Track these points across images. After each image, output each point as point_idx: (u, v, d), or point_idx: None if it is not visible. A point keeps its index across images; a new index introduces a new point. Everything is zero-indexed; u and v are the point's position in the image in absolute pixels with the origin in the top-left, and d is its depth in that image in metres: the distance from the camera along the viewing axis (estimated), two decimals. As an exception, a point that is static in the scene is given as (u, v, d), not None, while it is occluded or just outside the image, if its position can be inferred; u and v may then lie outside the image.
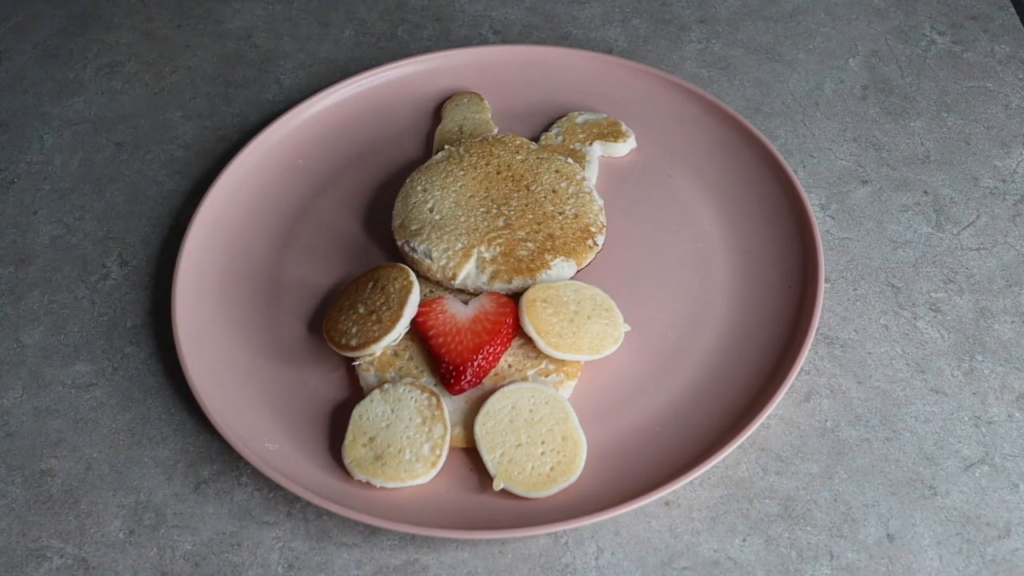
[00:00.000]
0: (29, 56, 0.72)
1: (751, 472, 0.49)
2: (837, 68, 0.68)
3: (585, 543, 0.47)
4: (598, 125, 0.62)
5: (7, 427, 0.52)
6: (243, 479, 0.49)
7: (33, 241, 0.60)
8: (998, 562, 0.46)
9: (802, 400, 0.51)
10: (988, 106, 0.65)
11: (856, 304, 0.55)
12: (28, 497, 0.49)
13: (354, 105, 0.65)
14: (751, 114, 0.65)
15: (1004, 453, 0.49)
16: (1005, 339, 0.54)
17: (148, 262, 0.59)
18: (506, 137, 0.59)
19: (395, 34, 0.72)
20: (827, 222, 0.59)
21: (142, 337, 0.55)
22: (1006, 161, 0.62)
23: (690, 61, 0.69)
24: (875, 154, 0.63)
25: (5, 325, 0.56)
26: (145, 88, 0.69)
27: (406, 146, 0.63)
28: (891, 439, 0.50)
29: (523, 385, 0.49)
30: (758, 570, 0.46)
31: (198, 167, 0.64)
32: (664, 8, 0.73)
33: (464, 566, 0.46)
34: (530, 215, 0.55)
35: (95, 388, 0.53)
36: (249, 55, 0.71)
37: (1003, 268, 0.57)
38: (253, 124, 0.66)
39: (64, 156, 0.65)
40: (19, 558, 0.47)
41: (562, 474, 0.46)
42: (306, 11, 0.74)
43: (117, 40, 0.73)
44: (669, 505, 0.48)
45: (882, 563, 0.46)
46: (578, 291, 0.52)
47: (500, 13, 0.73)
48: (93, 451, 0.50)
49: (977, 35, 0.70)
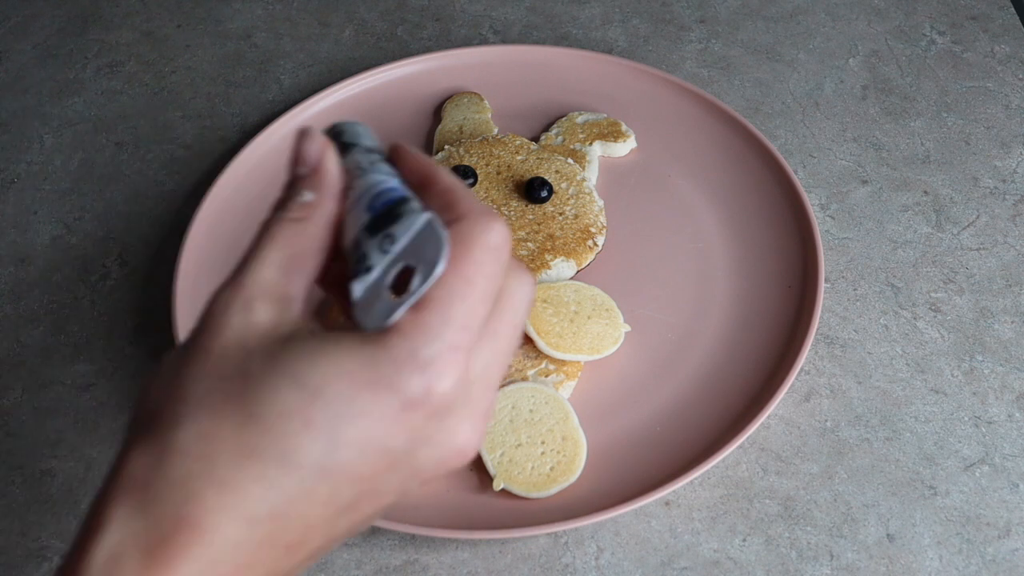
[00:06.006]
0: (29, 56, 0.72)
1: (751, 472, 0.49)
2: (837, 68, 0.68)
3: (585, 543, 0.47)
4: (598, 125, 0.62)
5: (7, 427, 0.52)
6: (243, 479, 0.49)
7: (33, 241, 0.60)
8: (998, 562, 0.46)
9: (802, 400, 0.51)
10: (988, 106, 0.65)
11: (856, 304, 0.55)
12: (28, 497, 0.49)
13: (354, 105, 0.65)
14: (751, 114, 0.65)
15: (1004, 453, 0.49)
16: (1005, 339, 0.54)
17: (148, 262, 0.59)
18: (506, 137, 0.59)
19: (395, 34, 0.72)
20: (827, 222, 0.59)
21: (142, 337, 0.55)
22: (1006, 161, 0.62)
23: (690, 61, 0.69)
24: (875, 154, 0.63)
25: (5, 325, 0.56)
26: (145, 88, 0.69)
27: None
28: (891, 439, 0.50)
29: (523, 385, 0.49)
30: (758, 570, 0.46)
31: (198, 167, 0.63)
32: (664, 8, 0.73)
33: (464, 566, 0.46)
34: (530, 215, 0.55)
35: (95, 388, 0.53)
36: (249, 55, 0.71)
37: (1003, 268, 0.57)
38: (253, 124, 0.66)
39: (64, 156, 0.65)
40: (19, 558, 0.47)
41: (562, 474, 0.46)
42: (306, 11, 0.74)
43: (117, 40, 0.73)
44: (669, 505, 0.48)
45: (882, 563, 0.46)
46: (578, 291, 0.52)
47: (500, 13, 0.73)
48: (93, 451, 0.50)
49: (977, 35, 0.70)
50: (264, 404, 0.28)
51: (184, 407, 0.29)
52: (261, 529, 0.28)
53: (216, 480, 0.28)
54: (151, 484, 0.28)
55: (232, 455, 0.28)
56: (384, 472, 0.30)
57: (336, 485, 0.29)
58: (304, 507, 0.29)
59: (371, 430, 0.29)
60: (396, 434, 0.29)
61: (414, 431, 0.29)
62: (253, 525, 0.28)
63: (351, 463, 0.29)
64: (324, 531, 0.30)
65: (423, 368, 0.28)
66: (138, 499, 0.28)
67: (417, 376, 0.28)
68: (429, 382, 0.28)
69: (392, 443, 0.29)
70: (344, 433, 0.28)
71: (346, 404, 0.28)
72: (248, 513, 0.28)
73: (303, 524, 0.29)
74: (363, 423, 0.28)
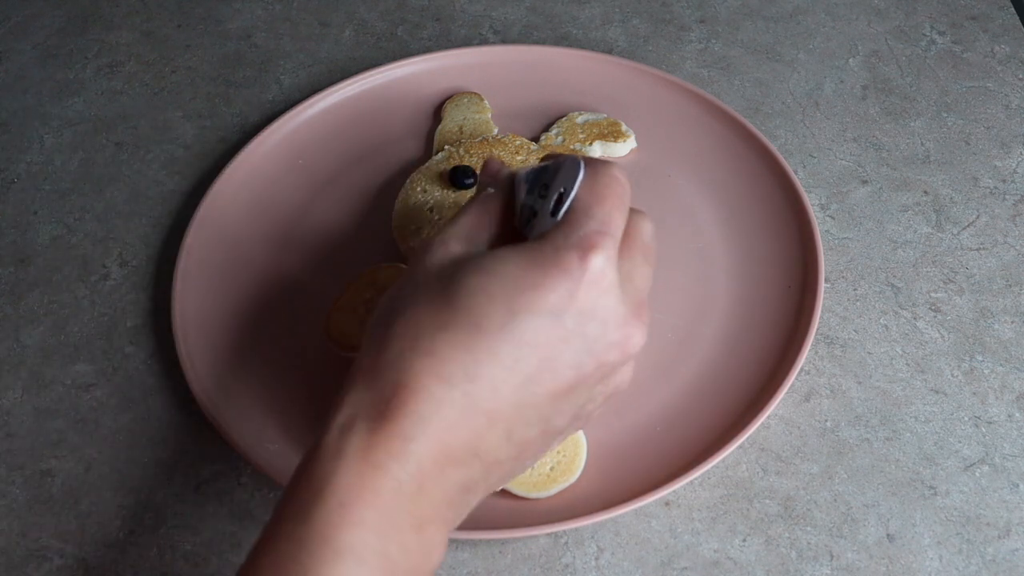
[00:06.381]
0: (29, 56, 0.72)
1: (751, 472, 0.49)
2: (837, 68, 0.68)
3: (585, 543, 0.47)
4: (598, 125, 0.62)
5: (7, 427, 0.52)
6: (243, 479, 0.49)
7: (33, 241, 0.60)
8: (998, 562, 0.46)
9: (802, 400, 0.51)
10: (988, 106, 0.65)
11: (856, 304, 0.55)
12: (28, 497, 0.49)
13: (354, 105, 0.65)
14: (751, 114, 0.65)
15: (1004, 453, 0.49)
16: (1005, 339, 0.54)
17: (148, 262, 0.59)
18: (506, 137, 0.59)
19: (395, 34, 0.72)
20: (827, 222, 0.59)
21: (142, 337, 0.55)
22: (1006, 161, 0.62)
23: (690, 61, 0.69)
24: (875, 154, 0.63)
25: (5, 325, 0.56)
26: (145, 88, 0.69)
27: (406, 146, 0.63)
28: (891, 439, 0.50)
29: (523, 385, 0.49)
30: (758, 570, 0.46)
31: (198, 167, 0.63)
32: (664, 8, 0.73)
33: (464, 566, 0.46)
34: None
35: (95, 388, 0.53)
36: (249, 55, 0.71)
37: (1003, 268, 0.57)
38: (253, 124, 0.66)
39: (64, 156, 0.65)
40: (19, 558, 0.47)
41: (562, 474, 0.46)
42: (306, 11, 0.74)
43: (117, 40, 0.73)
44: (669, 505, 0.48)
45: (882, 563, 0.46)
46: (578, 291, 0.52)
47: (500, 13, 0.73)
48: (93, 451, 0.50)
49: (977, 35, 0.70)
50: (456, 289, 0.36)
51: (398, 309, 0.37)
52: (458, 390, 0.35)
53: (421, 350, 0.35)
54: (375, 365, 0.36)
55: (432, 329, 0.36)
56: (557, 342, 0.36)
57: (516, 348, 0.35)
58: (491, 368, 0.35)
59: (540, 299, 0.35)
60: (563, 304, 0.36)
61: (577, 302, 0.36)
62: (451, 385, 0.35)
63: (527, 328, 0.35)
64: (514, 401, 0.36)
65: (575, 245, 0.36)
66: (366, 379, 0.36)
67: (573, 251, 0.36)
68: (583, 254, 0.36)
69: (560, 310, 0.36)
70: (517, 301, 0.35)
71: (519, 279, 0.36)
72: (447, 373, 0.35)
73: (493, 387, 0.35)
74: (533, 293, 0.35)
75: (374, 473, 0.34)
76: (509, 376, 0.35)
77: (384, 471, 0.34)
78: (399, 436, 0.34)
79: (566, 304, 0.36)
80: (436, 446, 0.35)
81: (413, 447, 0.34)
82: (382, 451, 0.34)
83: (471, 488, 0.37)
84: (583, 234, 0.36)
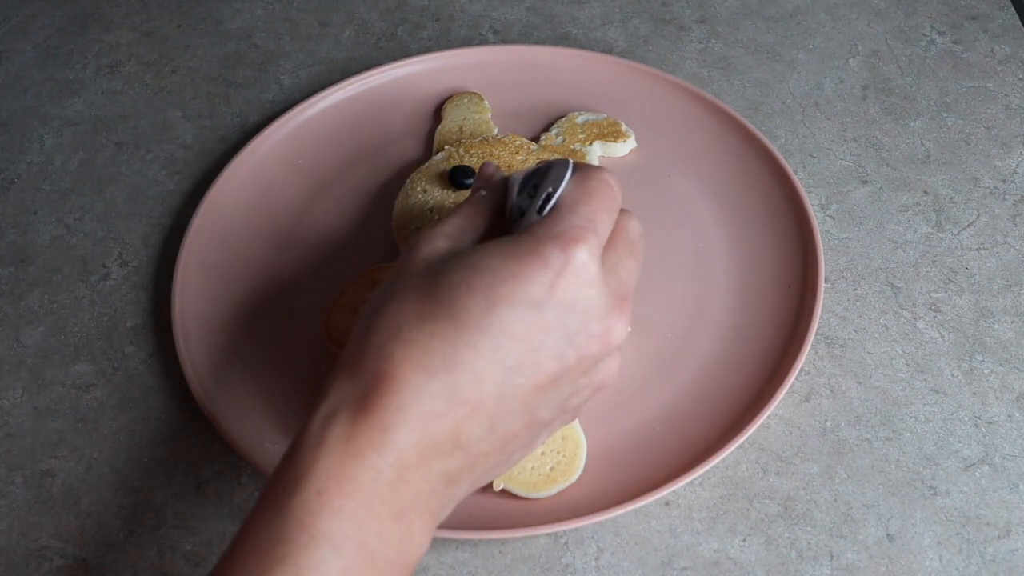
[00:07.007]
0: (29, 56, 0.72)
1: (751, 472, 0.49)
2: (837, 68, 0.68)
3: (585, 543, 0.47)
4: (598, 125, 0.62)
5: (7, 427, 0.52)
6: (243, 479, 0.49)
7: (33, 241, 0.60)
8: (998, 562, 0.46)
9: (802, 400, 0.51)
10: (988, 106, 0.65)
11: (856, 304, 0.55)
12: (28, 497, 0.49)
13: (354, 105, 0.65)
14: (751, 114, 0.65)
15: (1004, 453, 0.49)
16: (1005, 339, 0.54)
17: (148, 262, 0.59)
18: (506, 137, 0.59)
19: (395, 34, 0.72)
20: (827, 222, 0.59)
21: (142, 337, 0.55)
22: (1006, 161, 0.62)
23: (690, 61, 0.69)
24: (875, 154, 0.63)
25: (5, 325, 0.56)
26: (145, 88, 0.69)
27: (406, 146, 0.63)
28: (891, 439, 0.50)
29: (523, 385, 0.49)
30: (758, 570, 0.46)
31: (198, 167, 0.64)
32: (664, 8, 0.73)
33: (464, 566, 0.46)
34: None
35: (95, 388, 0.53)
36: (249, 55, 0.71)
37: (1003, 268, 0.57)
38: (253, 124, 0.66)
39: (64, 156, 0.65)
40: (19, 558, 0.47)
41: (562, 474, 0.46)
42: (306, 11, 0.74)
43: (117, 40, 0.73)
44: (669, 505, 0.48)
45: (882, 563, 0.46)
46: (578, 291, 0.52)
47: (500, 13, 0.73)
48: (93, 451, 0.50)
49: (977, 35, 0.70)
50: (439, 282, 0.37)
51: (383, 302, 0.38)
52: (439, 380, 0.35)
53: (402, 340, 0.36)
54: (358, 356, 0.36)
55: (415, 320, 0.36)
56: (538, 333, 0.36)
57: (496, 339, 0.36)
58: (471, 358, 0.35)
59: (520, 289, 0.36)
60: (542, 295, 0.36)
61: (557, 293, 0.36)
62: (432, 375, 0.35)
63: (507, 318, 0.36)
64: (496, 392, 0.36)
65: (557, 237, 0.37)
66: (349, 369, 0.36)
67: (553, 243, 0.36)
68: (565, 246, 0.36)
69: (540, 301, 0.36)
70: (497, 292, 0.36)
71: (499, 270, 0.36)
72: (427, 363, 0.35)
73: (475, 377, 0.36)
74: (513, 283, 0.36)
75: (353, 462, 0.34)
76: (490, 367, 0.36)
77: (363, 460, 0.34)
78: (379, 425, 0.35)
79: (546, 295, 0.36)
80: (418, 435, 0.35)
81: (394, 436, 0.35)
82: (363, 440, 0.35)
83: (456, 479, 0.37)
84: (566, 227, 0.37)
